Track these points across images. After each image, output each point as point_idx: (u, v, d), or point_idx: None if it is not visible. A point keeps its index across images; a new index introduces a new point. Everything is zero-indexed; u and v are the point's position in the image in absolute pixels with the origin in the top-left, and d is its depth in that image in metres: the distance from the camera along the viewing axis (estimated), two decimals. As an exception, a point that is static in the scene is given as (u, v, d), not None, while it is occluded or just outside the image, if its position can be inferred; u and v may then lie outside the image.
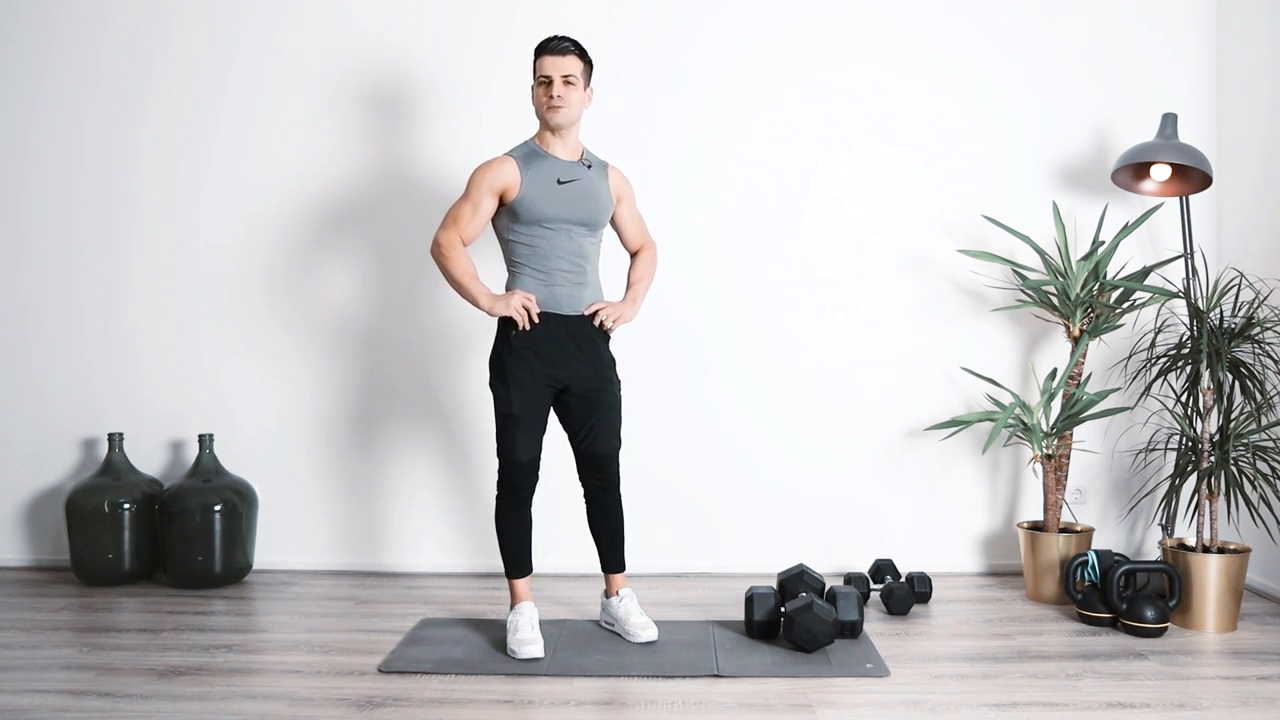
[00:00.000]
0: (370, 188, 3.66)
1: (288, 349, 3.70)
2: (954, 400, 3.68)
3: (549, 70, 2.73)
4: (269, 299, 3.70)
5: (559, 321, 2.77)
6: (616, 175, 2.93)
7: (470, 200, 2.76)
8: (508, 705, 2.42)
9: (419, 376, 3.68)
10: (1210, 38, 3.65)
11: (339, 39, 3.67)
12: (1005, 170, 3.66)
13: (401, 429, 3.69)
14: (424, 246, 3.62)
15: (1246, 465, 3.06)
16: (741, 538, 3.68)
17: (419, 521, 3.69)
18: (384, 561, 3.70)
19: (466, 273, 2.76)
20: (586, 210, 2.79)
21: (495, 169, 2.75)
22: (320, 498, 3.70)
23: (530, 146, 2.81)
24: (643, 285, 2.96)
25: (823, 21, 3.65)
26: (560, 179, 2.76)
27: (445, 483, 3.69)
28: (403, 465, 3.69)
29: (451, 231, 2.77)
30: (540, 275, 2.77)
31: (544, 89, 2.74)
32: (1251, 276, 3.43)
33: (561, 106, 2.73)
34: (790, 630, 2.77)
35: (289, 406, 3.70)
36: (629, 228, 2.99)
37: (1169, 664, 2.72)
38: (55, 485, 3.75)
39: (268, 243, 3.69)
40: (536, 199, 2.73)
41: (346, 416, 3.69)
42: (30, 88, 3.71)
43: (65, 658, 2.75)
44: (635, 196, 3.02)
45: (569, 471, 3.13)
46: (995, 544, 3.70)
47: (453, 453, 3.69)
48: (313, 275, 3.68)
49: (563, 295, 2.78)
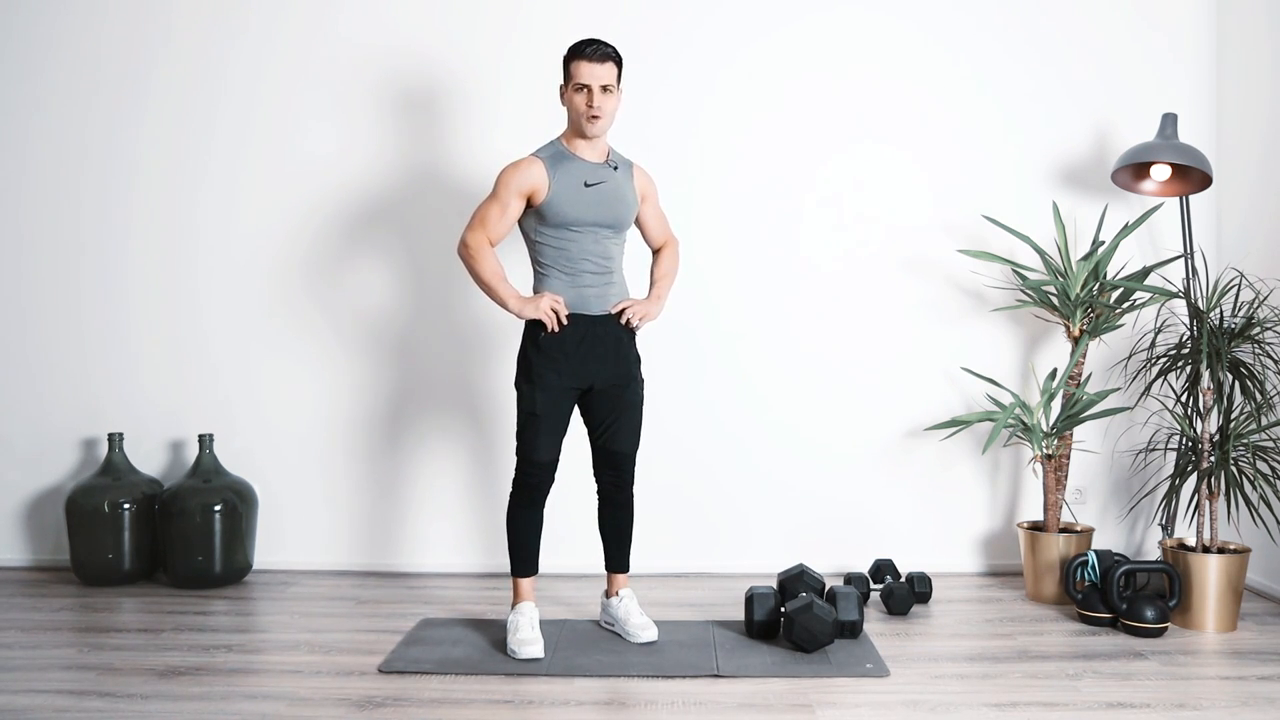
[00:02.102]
0: (371, 188, 3.66)
1: (288, 349, 3.70)
2: (954, 400, 3.68)
3: (587, 79, 2.69)
4: (269, 299, 3.69)
5: (587, 322, 2.78)
6: (641, 174, 2.93)
7: (498, 201, 2.75)
8: (508, 705, 2.42)
9: (420, 376, 3.68)
10: (1210, 38, 3.65)
11: (335, 35, 3.66)
12: (1005, 170, 3.66)
13: (403, 428, 3.69)
14: (427, 244, 3.62)
15: (1246, 465, 3.06)
16: (742, 538, 3.68)
17: (419, 521, 3.69)
18: (384, 561, 3.70)
19: (495, 274, 2.76)
20: (613, 213, 2.79)
21: (524, 171, 2.73)
22: (320, 497, 3.70)
23: (557, 147, 2.79)
24: (666, 282, 2.97)
25: (822, 21, 3.64)
26: (587, 181, 2.75)
27: (446, 483, 3.69)
28: (404, 465, 3.69)
29: (480, 232, 2.76)
30: (568, 277, 2.78)
31: (582, 97, 2.71)
32: (1251, 276, 3.43)
33: (600, 117, 2.71)
34: (790, 630, 2.77)
35: (289, 406, 3.70)
36: (652, 225, 3.00)
37: (1169, 664, 2.72)
38: (55, 485, 3.75)
39: (267, 242, 3.69)
40: (564, 202, 2.72)
41: (347, 416, 3.69)
42: (30, 87, 3.70)
43: (65, 658, 2.75)
44: (658, 194, 3.02)
45: (575, 472, 3.13)
46: (995, 544, 3.70)
47: (454, 453, 3.68)
48: (312, 275, 3.68)
49: (590, 296, 2.79)
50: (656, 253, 3.03)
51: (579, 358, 2.77)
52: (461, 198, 3.57)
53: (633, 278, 3.06)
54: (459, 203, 3.58)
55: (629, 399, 2.86)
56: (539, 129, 3.12)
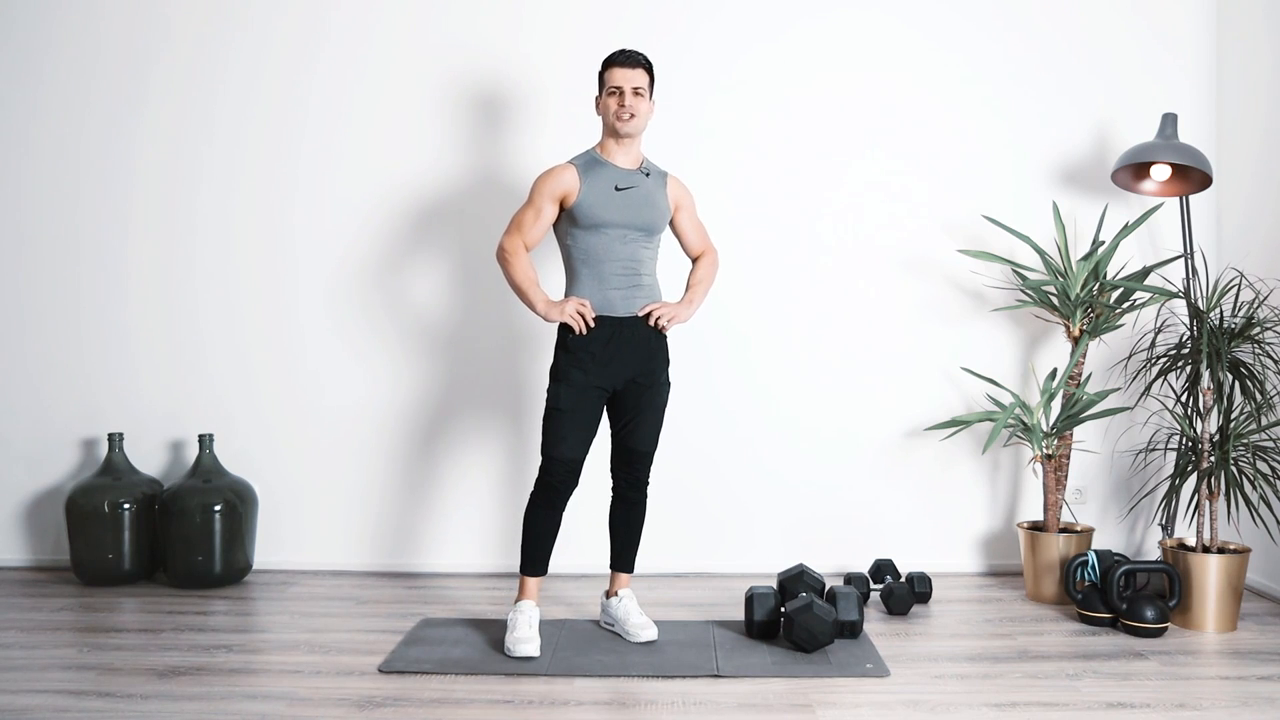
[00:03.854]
0: (372, 188, 3.66)
1: (288, 349, 3.69)
2: (954, 400, 3.68)
3: (619, 82, 2.81)
4: (269, 298, 3.69)
5: (614, 324, 2.83)
6: (675, 184, 2.99)
7: (533, 206, 2.85)
8: (508, 705, 2.42)
9: (420, 377, 3.68)
10: (1210, 38, 3.65)
11: (335, 36, 3.67)
12: (1005, 170, 3.66)
13: (403, 428, 3.69)
14: (433, 246, 3.62)
15: (1246, 465, 3.06)
16: (742, 537, 3.68)
17: (420, 521, 3.69)
18: (384, 561, 3.70)
19: (527, 278, 2.85)
20: (642, 216, 2.84)
21: (556, 176, 2.84)
22: (320, 497, 3.70)
23: (591, 155, 2.89)
24: (701, 288, 3.02)
25: (823, 24, 3.65)
26: (618, 185, 2.83)
27: (447, 483, 3.69)
28: (404, 465, 3.69)
29: (515, 237, 2.87)
30: (595, 279, 2.84)
31: (614, 99, 2.82)
32: (1251, 276, 3.43)
33: (633, 116, 2.81)
34: (790, 630, 2.77)
35: (289, 406, 3.70)
36: (689, 234, 3.06)
37: (1169, 664, 2.72)
38: (55, 485, 3.74)
39: (267, 242, 3.69)
40: (594, 204, 2.80)
41: (347, 416, 3.69)
42: (30, 87, 3.70)
43: (65, 658, 2.75)
44: (695, 204, 3.08)
45: (584, 473, 3.11)
46: (995, 544, 3.70)
47: (455, 453, 3.68)
48: (313, 275, 3.68)
49: (616, 298, 2.83)
50: (695, 261, 3.10)
51: (606, 359, 2.82)
52: (469, 200, 3.57)
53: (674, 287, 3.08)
54: (459, 204, 3.59)
55: (652, 399, 2.91)
56: (554, 140, 3.12)
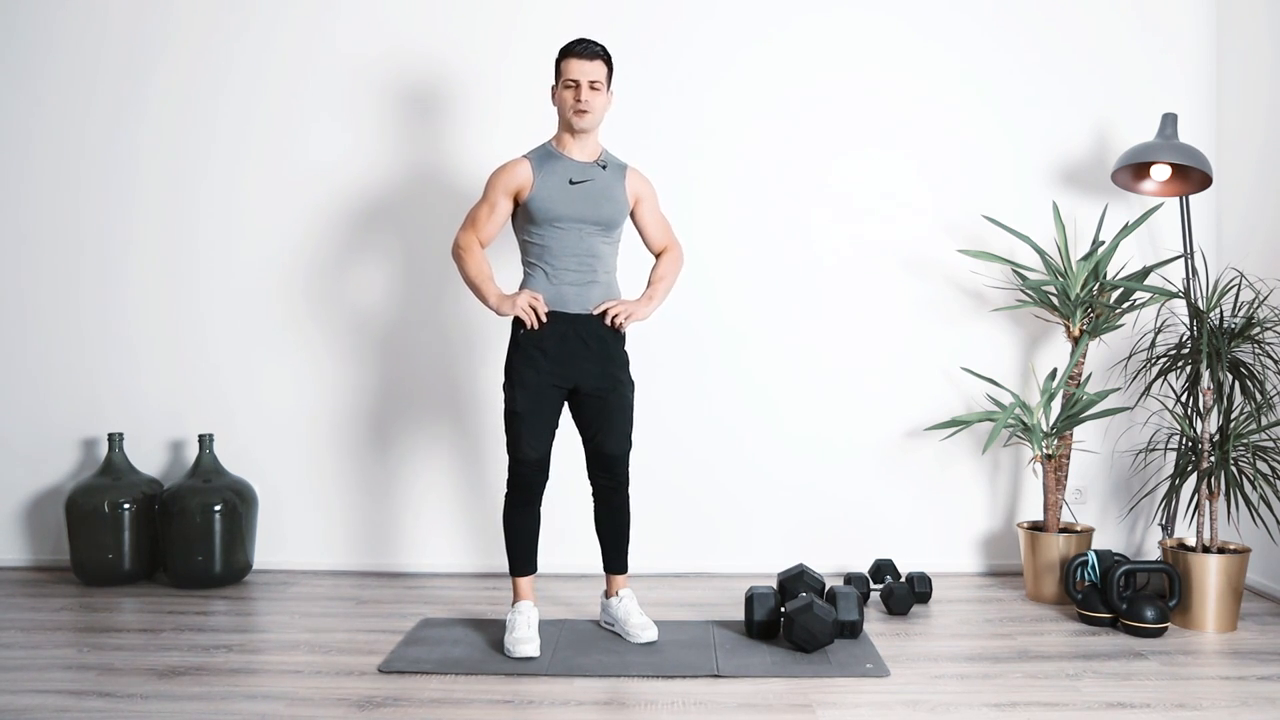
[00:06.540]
0: (372, 189, 3.66)
1: (288, 348, 3.69)
2: (954, 400, 3.68)
3: (576, 75, 2.76)
4: (269, 298, 3.69)
5: (566, 321, 2.80)
6: (635, 177, 2.94)
7: (487, 201, 2.84)
8: (508, 705, 2.43)
9: (421, 376, 3.68)
10: (1210, 38, 3.65)
11: (335, 37, 3.66)
12: (1005, 170, 3.66)
13: (403, 428, 3.69)
14: (428, 246, 3.62)
15: (1246, 465, 3.06)
16: (742, 537, 3.68)
17: (420, 521, 3.69)
18: (384, 561, 3.70)
19: (481, 273, 2.83)
20: (598, 210, 2.81)
21: (509, 170, 2.82)
22: (320, 497, 3.70)
23: (547, 148, 2.85)
24: (662, 285, 2.98)
25: (822, 22, 3.65)
26: (573, 179, 2.80)
27: (447, 483, 3.69)
28: (404, 465, 3.69)
29: (469, 233, 2.85)
30: (549, 275, 2.81)
31: (570, 92, 2.77)
32: (1251, 276, 3.43)
33: (588, 111, 2.77)
34: (790, 630, 2.77)
35: (289, 406, 3.70)
36: (650, 229, 3.01)
37: (1169, 664, 2.72)
38: (55, 485, 3.75)
39: (267, 242, 3.69)
40: (548, 198, 2.77)
41: (347, 416, 3.69)
42: (30, 87, 3.70)
43: (65, 658, 2.75)
44: (657, 198, 3.03)
45: (573, 472, 3.13)
46: (995, 544, 3.70)
47: (455, 453, 3.68)
48: (313, 275, 3.68)
49: (570, 294, 2.80)
50: (658, 257, 3.04)
51: (559, 357, 2.79)
52: (462, 199, 3.57)
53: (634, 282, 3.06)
54: (459, 205, 3.58)
55: (615, 402, 2.87)
56: (536, 131, 3.12)
